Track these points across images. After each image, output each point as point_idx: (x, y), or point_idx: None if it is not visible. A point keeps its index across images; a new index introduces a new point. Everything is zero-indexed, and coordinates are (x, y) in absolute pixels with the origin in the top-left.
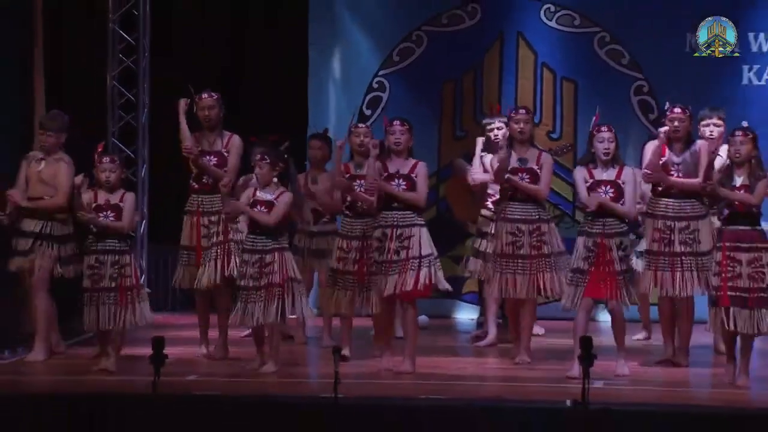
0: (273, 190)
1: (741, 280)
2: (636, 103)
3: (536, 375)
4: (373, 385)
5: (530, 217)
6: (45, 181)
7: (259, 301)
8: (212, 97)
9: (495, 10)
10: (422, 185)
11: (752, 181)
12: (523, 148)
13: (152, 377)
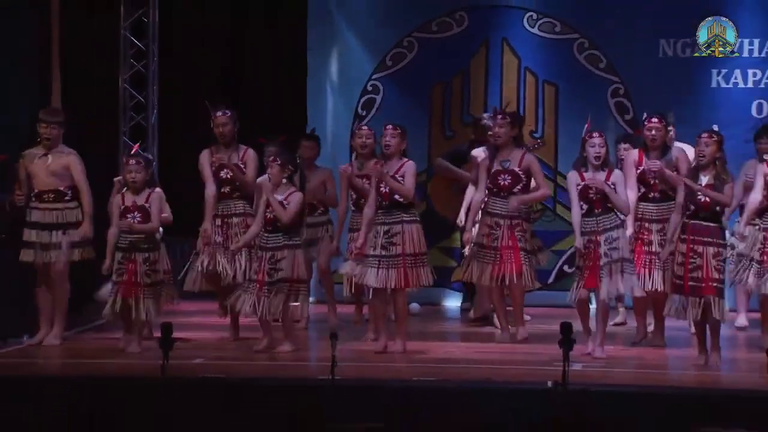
0: (283, 190)
1: (701, 272)
2: (613, 105)
3: (520, 358)
4: (369, 367)
5: (510, 213)
6: (55, 173)
7: (266, 296)
8: (226, 115)
9: (481, 18)
10: (409, 181)
11: (717, 182)
12: (505, 150)
13: (161, 361)
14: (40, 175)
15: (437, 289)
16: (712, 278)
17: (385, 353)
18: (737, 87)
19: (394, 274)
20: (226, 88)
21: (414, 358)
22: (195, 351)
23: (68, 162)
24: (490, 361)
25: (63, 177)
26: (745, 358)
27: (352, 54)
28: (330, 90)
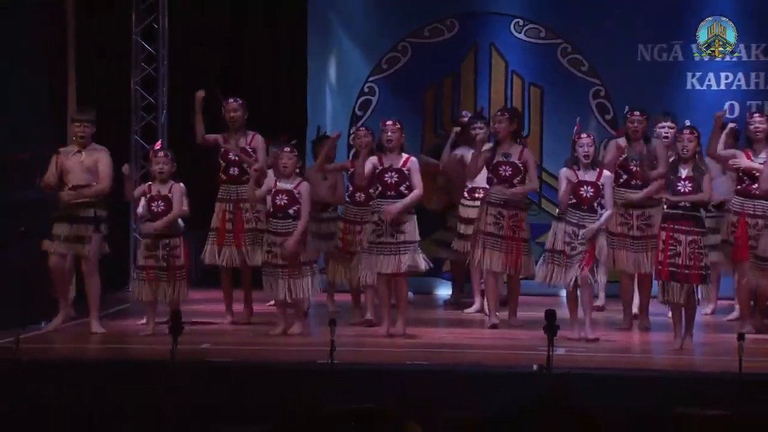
0: (293, 180)
1: (680, 258)
2: (594, 106)
3: (508, 343)
4: (366, 352)
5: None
6: (89, 169)
7: (283, 278)
8: (237, 102)
9: (470, 24)
10: (417, 180)
11: (696, 174)
12: (506, 144)
13: (171, 345)
14: (75, 171)
15: (429, 279)
16: (690, 265)
17: (388, 336)
18: (710, 89)
19: (398, 260)
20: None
21: (408, 343)
22: (202, 337)
23: (97, 158)
24: (479, 346)
25: (96, 173)
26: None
27: (350, 58)
28: (329, 91)
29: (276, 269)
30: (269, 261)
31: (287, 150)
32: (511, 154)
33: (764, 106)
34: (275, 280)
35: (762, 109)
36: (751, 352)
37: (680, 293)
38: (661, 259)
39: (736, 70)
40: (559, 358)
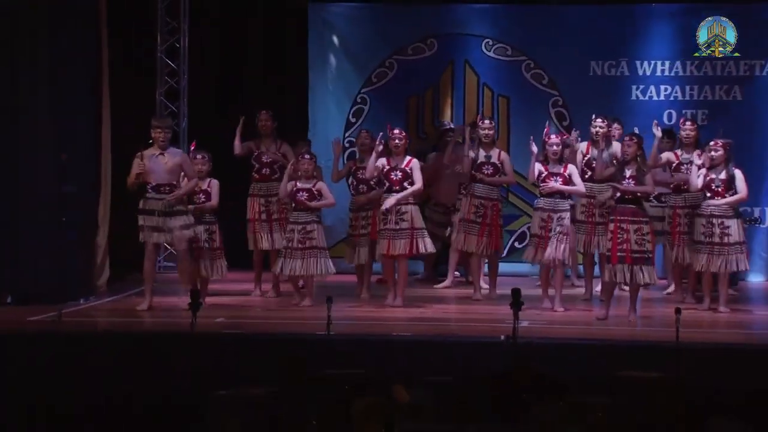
0: (310, 180)
1: (627, 244)
2: (553, 114)
3: (478, 317)
4: (357, 325)
5: (491, 196)
6: (171, 170)
7: (300, 258)
8: (268, 113)
9: (447, 44)
10: (418, 177)
11: (639, 174)
12: (488, 147)
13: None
14: (158, 171)
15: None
16: (635, 250)
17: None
18: (652, 99)
19: (403, 243)
20: (242, 101)
21: (394, 317)
22: (219, 311)
23: (181, 160)
24: (455, 319)
25: (175, 173)
26: (658, 315)
27: (345, 73)
28: (327, 101)
29: (295, 251)
30: (289, 246)
31: (306, 157)
32: (492, 155)
33: (697, 114)
34: (294, 260)
35: (695, 116)
36: (686, 323)
37: (627, 274)
38: (609, 246)
39: (673, 83)
40: (523, 330)
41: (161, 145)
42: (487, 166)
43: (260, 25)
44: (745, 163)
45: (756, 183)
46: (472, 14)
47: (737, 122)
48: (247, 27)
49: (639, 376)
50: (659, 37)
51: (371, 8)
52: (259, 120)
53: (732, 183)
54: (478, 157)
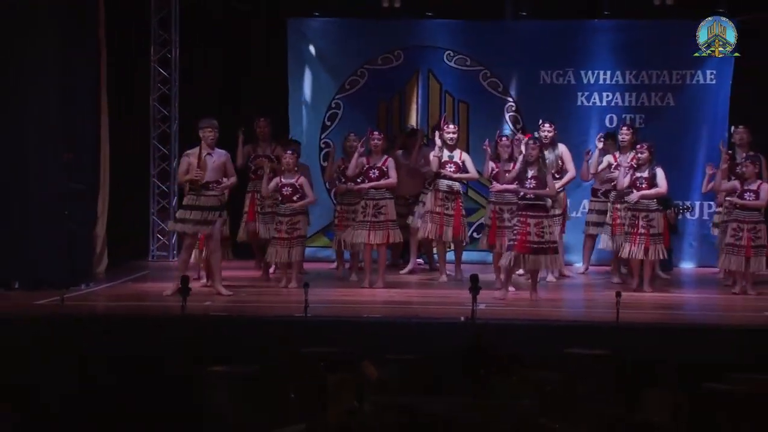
0: (293, 175)
1: (530, 236)
2: (508, 118)
3: (440, 300)
4: (332, 308)
5: (453, 190)
6: (217, 167)
7: (287, 247)
8: (266, 120)
9: (413, 55)
10: (393, 173)
11: (541, 174)
12: (451, 148)
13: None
14: (206, 169)
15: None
16: (533, 241)
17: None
18: (595, 105)
19: (382, 234)
20: (228, 105)
21: (365, 300)
22: (208, 296)
23: (225, 159)
24: (419, 302)
25: (221, 171)
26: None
27: (321, 80)
28: (304, 107)
29: (282, 241)
30: (277, 236)
31: (289, 152)
32: (454, 156)
33: (635, 118)
34: (282, 249)
35: (633, 120)
36: (625, 305)
37: (531, 262)
38: (514, 237)
39: (614, 91)
40: (480, 312)
41: (210, 144)
42: (450, 165)
43: (244, 38)
44: (677, 162)
45: (686, 178)
46: (435, 29)
47: (670, 125)
48: (231, 39)
49: (584, 352)
50: (601, 49)
51: (345, 23)
52: (258, 126)
53: (654, 180)
54: (443, 156)
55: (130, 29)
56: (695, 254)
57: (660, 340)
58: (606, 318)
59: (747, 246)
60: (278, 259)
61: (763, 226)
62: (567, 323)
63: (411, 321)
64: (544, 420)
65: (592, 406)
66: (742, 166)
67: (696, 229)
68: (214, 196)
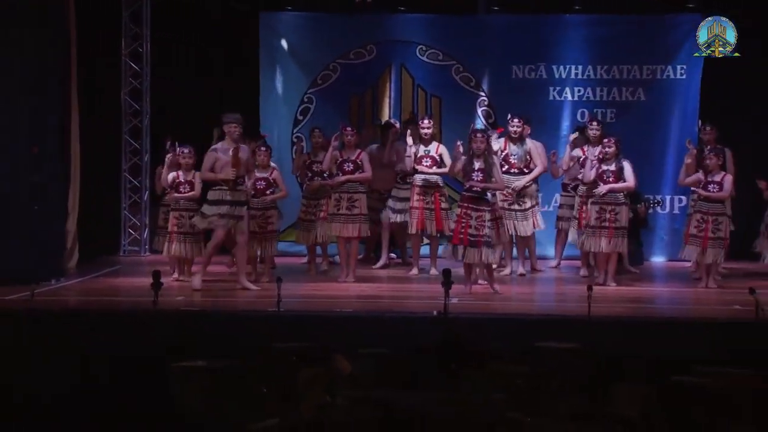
0: (267, 170)
1: (471, 229)
2: (480, 112)
3: (413, 294)
4: (305, 302)
5: (432, 184)
6: (244, 163)
7: (260, 241)
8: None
9: (386, 49)
10: (367, 167)
11: (486, 167)
12: (427, 142)
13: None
14: (239, 167)
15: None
16: (477, 234)
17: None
18: (567, 100)
19: (354, 228)
20: (199, 101)
21: (335, 295)
22: (180, 291)
23: (249, 155)
24: (391, 296)
25: (244, 166)
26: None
27: (293, 75)
28: (276, 102)
29: (255, 235)
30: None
31: (263, 149)
32: (431, 150)
33: (606, 112)
34: (255, 242)
35: (604, 115)
36: (596, 299)
37: (474, 254)
38: (454, 228)
39: (586, 85)
40: (453, 306)
41: (235, 139)
42: (426, 159)
43: (216, 32)
44: (647, 156)
45: (656, 172)
46: (407, 23)
47: (641, 119)
48: (204, 33)
49: (555, 346)
50: (573, 44)
51: (317, 17)
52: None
53: (621, 173)
54: (419, 151)
55: (101, 23)
56: (666, 248)
57: (630, 333)
58: (577, 312)
59: (705, 237)
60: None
61: (725, 219)
62: (538, 317)
63: (384, 315)
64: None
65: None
66: (706, 158)
67: (667, 222)
68: (242, 191)
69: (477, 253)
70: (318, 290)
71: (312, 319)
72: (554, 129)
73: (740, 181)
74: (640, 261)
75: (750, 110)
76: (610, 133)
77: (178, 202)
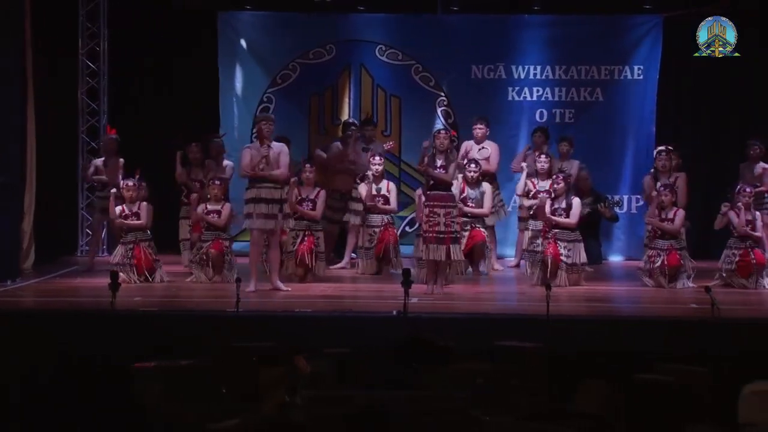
0: (219, 202)
1: (439, 227)
2: (439, 112)
3: (373, 294)
4: (264, 302)
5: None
6: (277, 161)
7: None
8: (198, 146)
9: (345, 49)
10: (320, 205)
11: (447, 163)
12: (377, 179)
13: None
14: (268, 163)
15: None
16: (445, 231)
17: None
18: (526, 100)
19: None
20: (157, 100)
21: (297, 294)
22: (138, 291)
23: (279, 151)
24: (351, 296)
25: (276, 163)
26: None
27: (252, 75)
28: (235, 101)
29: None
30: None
31: (216, 182)
32: (381, 188)
33: (564, 113)
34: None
35: (563, 115)
36: (555, 299)
37: (440, 252)
38: (424, 227)
39: (544, 85)
40: (413, 305)
41: (267, 136)
42: (378, 198)
43: (175, 31)
44: (606, 156)
45: (614, 172)
46: (367, 23)
47: (599, 120)
48: (162, 32)
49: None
50: (532, 44)
51: (276, 17)
52: (190, 151)
53: (571, 210)
54: (371, 189)
55: (58, 21)
56: (623, 247)
57: (590, 332)
58: (537, 311)
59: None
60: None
61: (682, 252)
62: (499, 316)
63: (344, 315)
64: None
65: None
66: (660, 194)
67: (624, 222)
68: (276, 188)
69: (444, 250)
70: (276, 290)
71: (271, 319)
72: (513, 129)
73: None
74: (598, 260)
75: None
76: (568, 133)
77: (125, 234)
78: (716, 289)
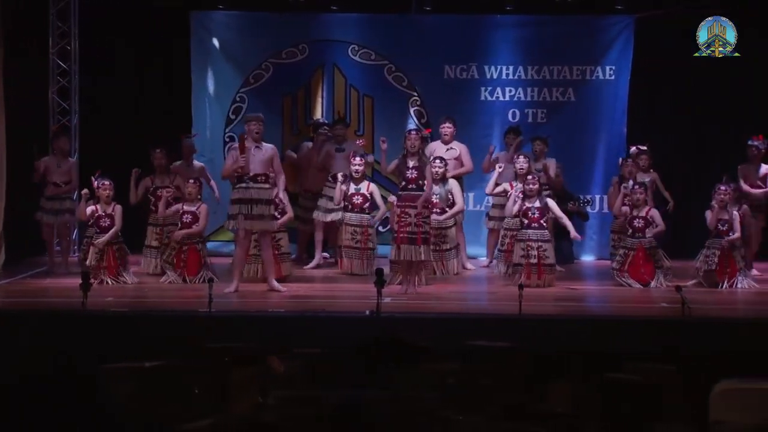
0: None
1: (410, 227)
2: (412, 112)
3: (346, 294)
4: (236, 302)
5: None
6: (264, 162)
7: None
8: (162, 152)
9: (318, 48)
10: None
11: (420, 164)
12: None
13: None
14: (255, 162)
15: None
16: (416, 231)
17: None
18: (498, 100)
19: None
20: (129, 100)
21: (269, 294)
22: (110, 292)
23: (273, 154)
24: (324, 296)
25: (268, 164)
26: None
27: (224, 74)
28: (208, 101)
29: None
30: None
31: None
32: (361, 188)
33: (537, 113)
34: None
35: (535, 115)
36: (527, 298)
37: (412, 252)
38: (396, 228)
39: (517, 86)
40: (385, 305)
41: (256, 138)
42: (357, 197)
43: (146, 30)
44: (578, 155)
45: (586, 171)
46: (339, 23)
47: (571, 120)
48: (134, 31)
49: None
50: (504, 45)
51: (248, 16)
52: (155, 157)
53: (547, 209)
54: (349, 189)
55: (28, 20)
56: (595, 247)
57: (561, 331)
58: (509, 311)
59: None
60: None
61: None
62: (470, 316)
63: (317, 314)
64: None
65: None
66: (632, 194)
67: (595, 222)
68: (264, 189)
69: (415, 250)
70: (250, 290)
71: (244, 319)
72: (485, 129)
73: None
74: (570, 259)
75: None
76: (541, 133)
77: (93, 237)
78: (691, 288)
